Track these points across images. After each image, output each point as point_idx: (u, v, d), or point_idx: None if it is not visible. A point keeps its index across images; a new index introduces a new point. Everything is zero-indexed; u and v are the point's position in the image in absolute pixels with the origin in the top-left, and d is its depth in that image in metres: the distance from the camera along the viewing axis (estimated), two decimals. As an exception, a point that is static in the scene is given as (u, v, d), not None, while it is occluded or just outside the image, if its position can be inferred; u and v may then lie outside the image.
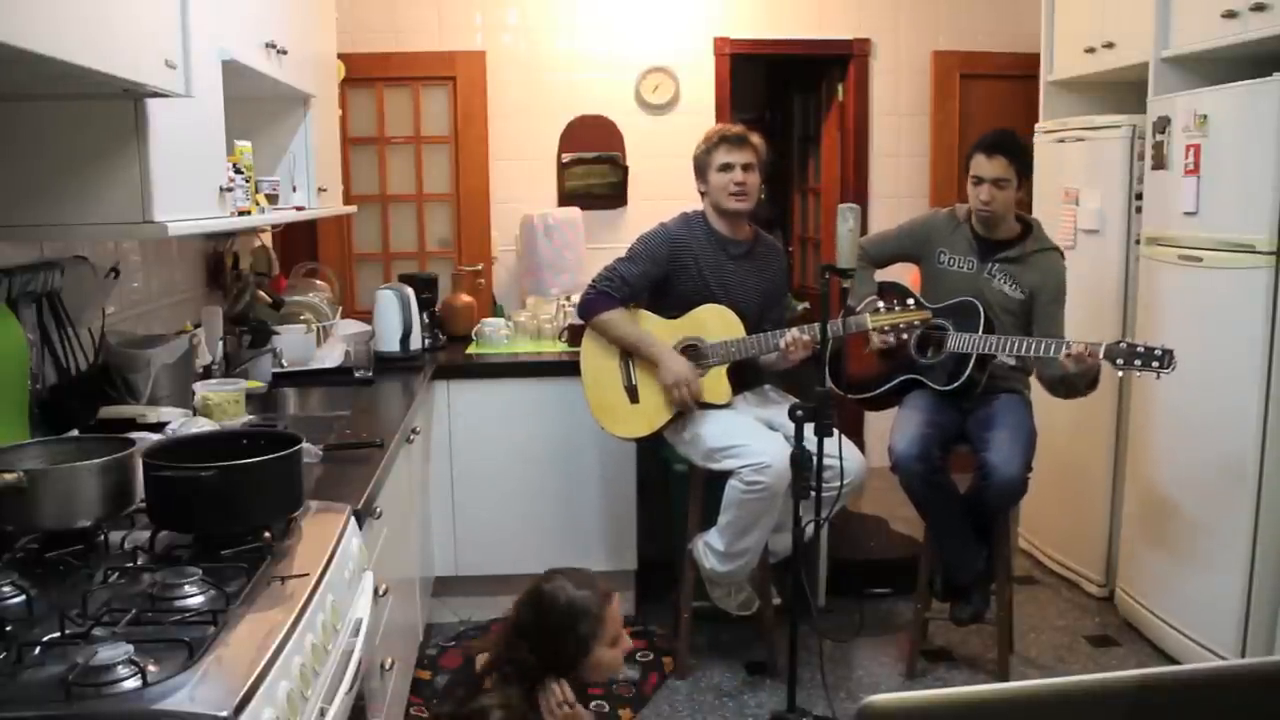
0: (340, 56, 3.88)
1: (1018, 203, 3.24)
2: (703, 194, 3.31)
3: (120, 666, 1.19)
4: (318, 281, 4.03)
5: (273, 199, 2.78)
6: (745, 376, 3.26)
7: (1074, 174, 3.89)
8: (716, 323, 3.19)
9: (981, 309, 3.13)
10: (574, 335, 3.90)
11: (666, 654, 3.44)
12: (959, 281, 3.23)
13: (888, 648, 3.49)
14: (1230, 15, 3.01)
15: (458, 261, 4.81)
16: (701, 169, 3.28)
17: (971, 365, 3.12)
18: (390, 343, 3.59)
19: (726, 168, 3.21)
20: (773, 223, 7.23)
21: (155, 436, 2.03)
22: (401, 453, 2.75)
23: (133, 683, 1.18)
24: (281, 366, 3.31)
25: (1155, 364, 2.83)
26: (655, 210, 4.95)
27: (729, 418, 3.15)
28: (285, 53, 2.74)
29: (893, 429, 3.23)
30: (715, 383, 3.16)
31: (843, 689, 3.21)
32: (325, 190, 3.34)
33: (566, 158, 4.84)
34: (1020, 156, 3.18)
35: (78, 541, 1.63)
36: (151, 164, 1.85)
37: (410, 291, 3.67)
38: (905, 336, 3.14)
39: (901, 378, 3.30)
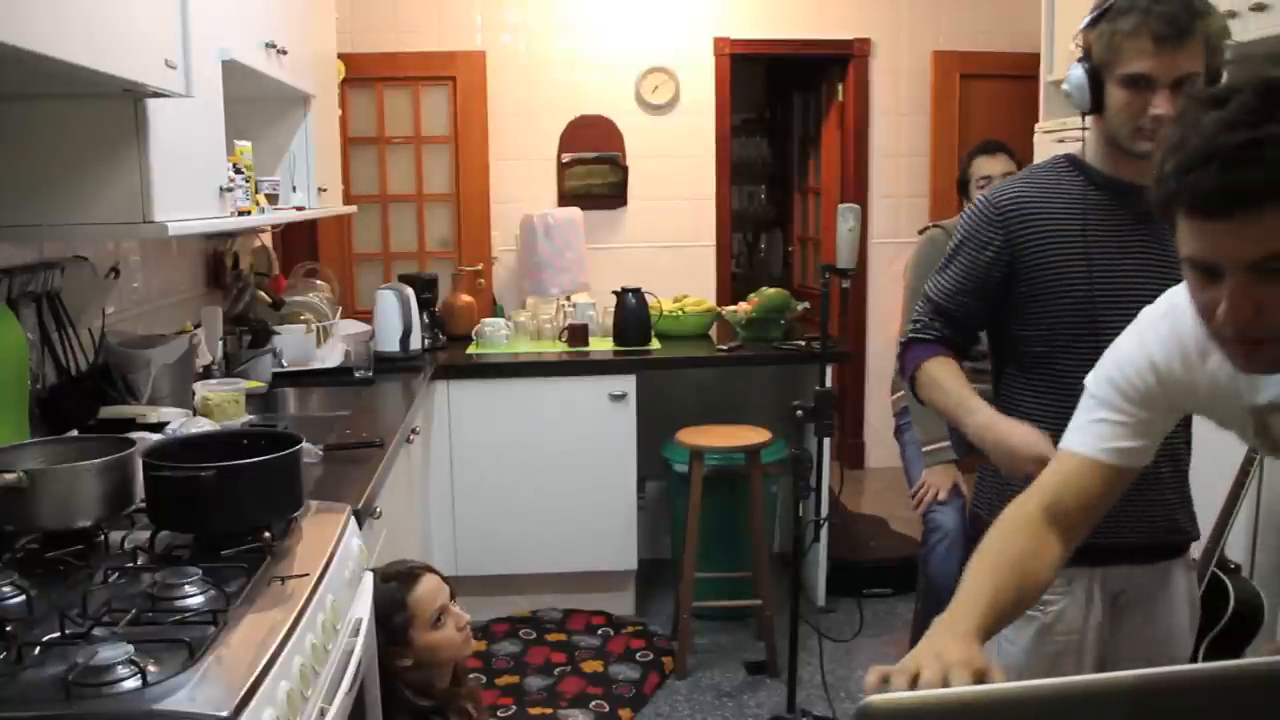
0: (340, 56, 3.88)
1: None
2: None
3: (120, 666, 1.19)
4: (318, 281, 4.03)
5: (273, 199, 2.78)
6: None
7: (1074, 174, 3.88)
8: None
9: None
10: (574, 335, 3.90)
11: (666, 654, 3.44)
12: None
13: (888, 648, 3.49)
14: (1230, 15, 3.01)
15: (458, 261, 4.81)
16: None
17: None
18: (390, 343, 3.60)
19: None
20: (773, 223, 7.25)
21: (155, 436, 2.03)
22: (401, 453, 2.75)
23: (133, 683, 1.18)
24: (281, 366, 3.31)
25: None
26: (655, 210, 4.99)
27: None
28: (285, 53, 2.74)
29: (926, 489, 2.92)
30: None
31: (843, 689, 3.21)
32: (325, 190, 3.34)
33: (566, 158, 4.84)
34: (1015, 158, 3.13)
35: (78, 541, 1.62)
36: (151, 164, 1.85)
37: (410, 291, 3.67)
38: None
39: None
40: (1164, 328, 1.25)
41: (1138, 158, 1.65)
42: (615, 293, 3.94)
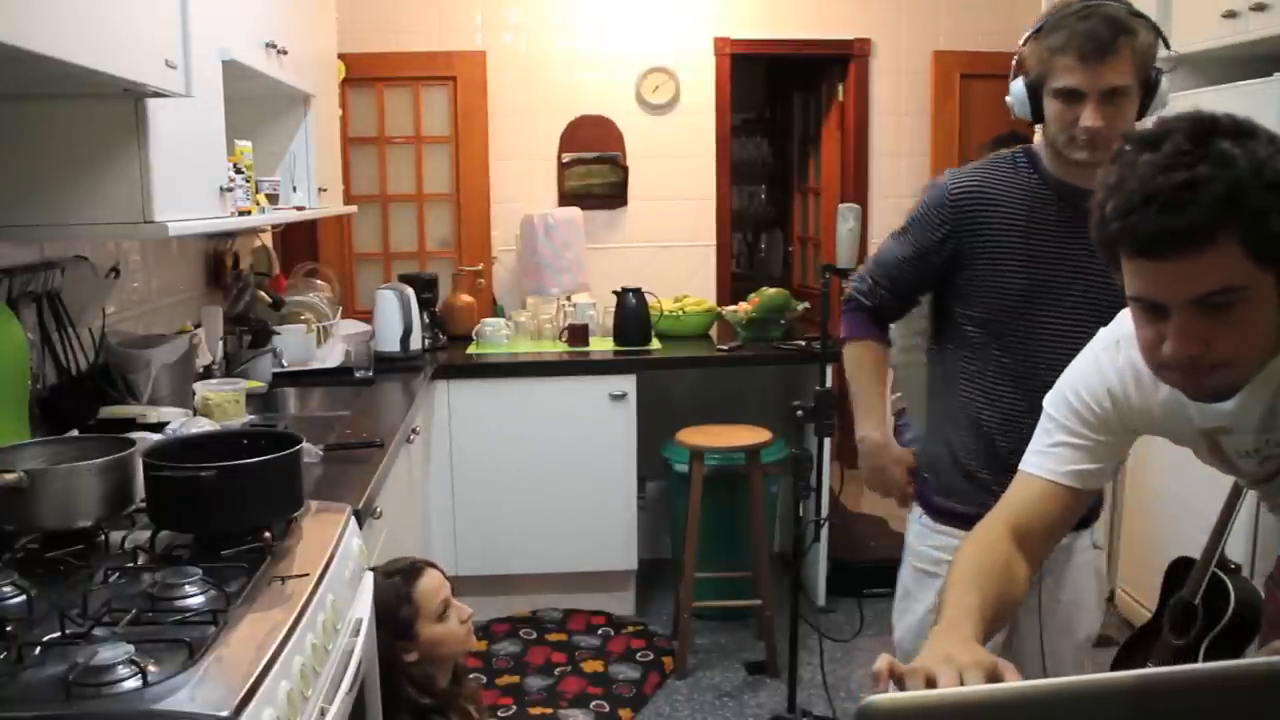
0: (340, 56, 3.88)
1: None
2: None
3: (120, 666, 1.19)
4: (318, 281, 4.03)
5: (273, 199, 2.77)
6: None
7: (1074, 174, 3.88)
8: None
9: None
10: (574, 335, 3.90)
11: (666, 654, 3.44)
12: None
13: (888, 648, 3.48)
14: (1230, 15, 3.02)
15: (458, 261, 4.81)
16: None
17: None
18: (390, 343, 3.60)
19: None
20: (773, 223, 7.25)
21: (155, 436, 2.03)
22: (401, 453, 2.75)
23: (133, 683, 1.18)
24: (281, 366, 3.31)
25: None
26: (655, 210, 4.99)
27: None
28: (285, 53, 2.74)
29: None
30: None
31: (843, 689, 3.21)
32: (325, 190, 3.34)
33: (566, 158, 4.84)
34: None
35: (78, 541, 1.62)
36: (151, 164, 1.85)
37: (410, 291, 3.67)
38: None
39: None
40: (1120, 356, 1.28)
41: (1075, 165, 1.75)
42: (615, 293, 3.94)
